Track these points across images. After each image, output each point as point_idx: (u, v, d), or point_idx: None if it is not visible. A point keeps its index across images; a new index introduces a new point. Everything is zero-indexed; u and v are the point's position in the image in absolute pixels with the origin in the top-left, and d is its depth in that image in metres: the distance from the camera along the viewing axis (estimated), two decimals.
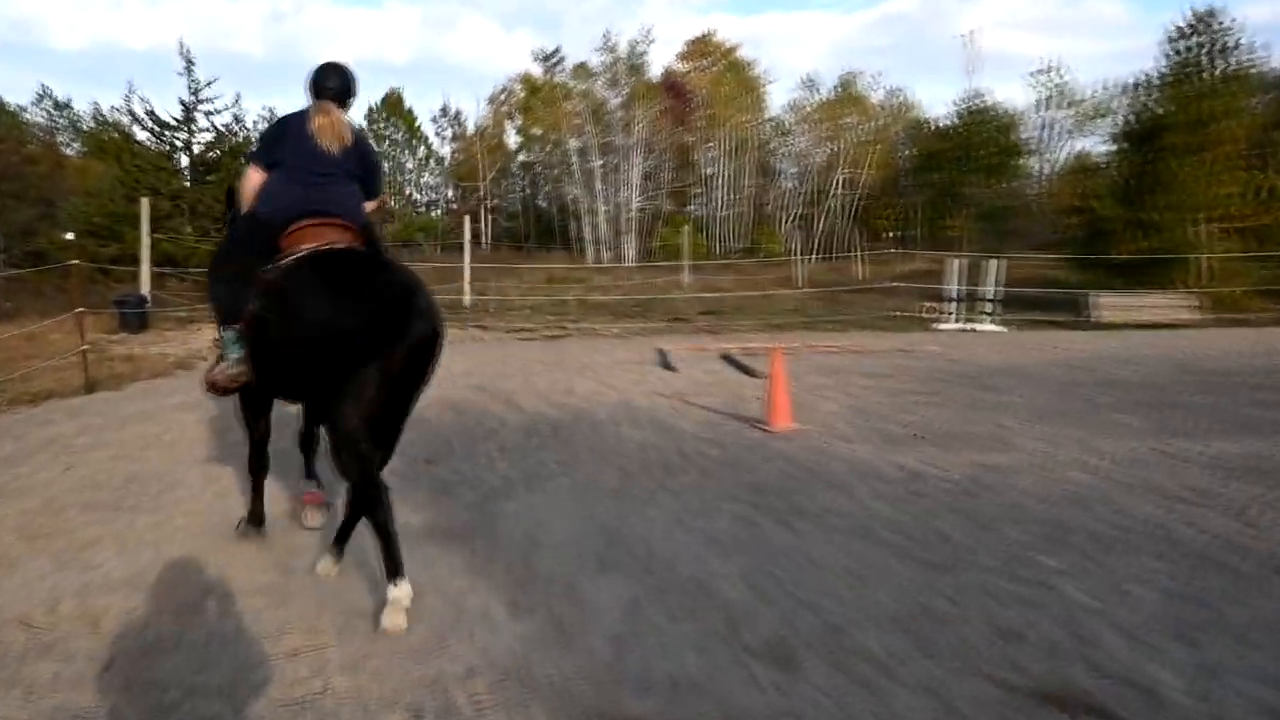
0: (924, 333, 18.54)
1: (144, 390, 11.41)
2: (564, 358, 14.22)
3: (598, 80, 52.33)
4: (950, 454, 7.58)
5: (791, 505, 6.19)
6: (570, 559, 5.14)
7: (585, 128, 48.65)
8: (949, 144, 51.23)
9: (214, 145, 27.87)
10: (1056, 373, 12.31)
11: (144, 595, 4.68)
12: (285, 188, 4.83)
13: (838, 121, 53.18)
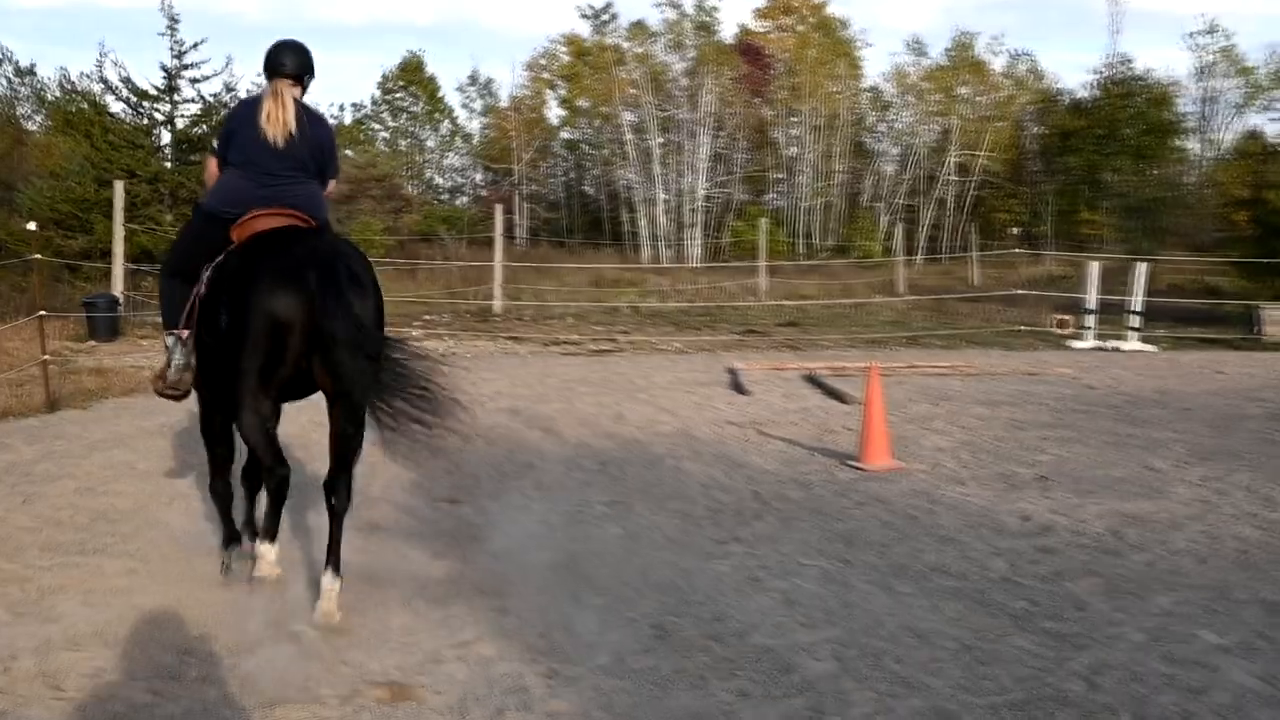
0: (1054, 351, 18.35)
1: (115, 410, 11.63)
2: (614, 377, 14.26)
3: (658, 42, 52.57)
4: (1087, 502, 7.49)
5: (890, 562, 6.15)
6: (620, 622, 5.15)
7: (642, 99, 48.88)
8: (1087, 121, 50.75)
9: (201, 119, 28.35)
10: (1218, 403, 12.12)
11: (113, 654, 4.76)
12: (237, 183, 5.50)
13: (950, 93, 52.90)
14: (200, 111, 28.49)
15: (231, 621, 5.11)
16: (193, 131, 28.15)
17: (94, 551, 6.26)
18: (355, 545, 6.37)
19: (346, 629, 5.05)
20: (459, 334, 19.80)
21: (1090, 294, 19.64)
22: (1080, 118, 51.27)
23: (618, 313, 24.18)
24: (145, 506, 7.29)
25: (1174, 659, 4.77)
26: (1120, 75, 51.96)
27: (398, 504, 7.47)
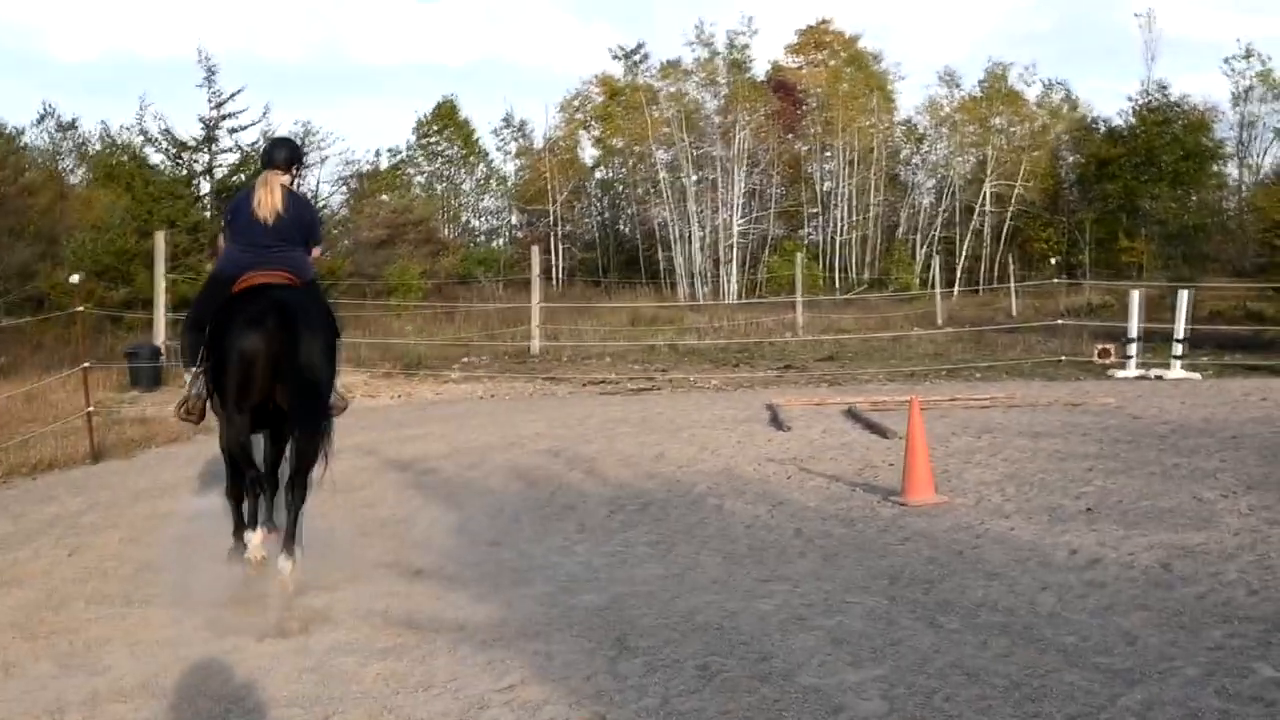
0: (1097, 381, 18.20)
1: (159, 459, 11.74)
2: (653, 416, 14.26)
3: (690, 80, 52.88)
4: (1135, 534, 7.40)
5: (937, 598, 6.10)
6: (665, 664, 5.13)
7: (676, 137, 49.12)
8: (1124, 149, 50.59)
9: (239, 168, 28.76)
10: (1265, 430, 11.95)
11: (160, 705, 4.79)
12: (237, 254, 6.80)
13: (984, 124, 52.86)
14: (238, 161, 28.87)
15: (278, 671, 5.13)
16: (231, 181, 28.54)
17: (140, 603, 6.31)
18: (397, 591, 6.42)
19: (393, 675, 5.05)
20: (497, 375, 19.87)
21: (1132, 323, 19.48)
22: (1117, 145, 51.14)
23: (655, 351, 24.22)
24: (190, 556, 7.33)
25: (1229, 694, 4.69)
26: (1156, 102, 51.82)
27: (440, 548, 7.49)
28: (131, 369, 17.65)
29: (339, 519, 8.44)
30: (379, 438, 12.68)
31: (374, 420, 14.58)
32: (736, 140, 48.20)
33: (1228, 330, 23.86)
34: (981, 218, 51.47)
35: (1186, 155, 49.72)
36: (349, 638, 5.62)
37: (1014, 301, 35.71)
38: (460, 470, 10.52)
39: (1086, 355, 20.63)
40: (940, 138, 55.07)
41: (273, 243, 6.78)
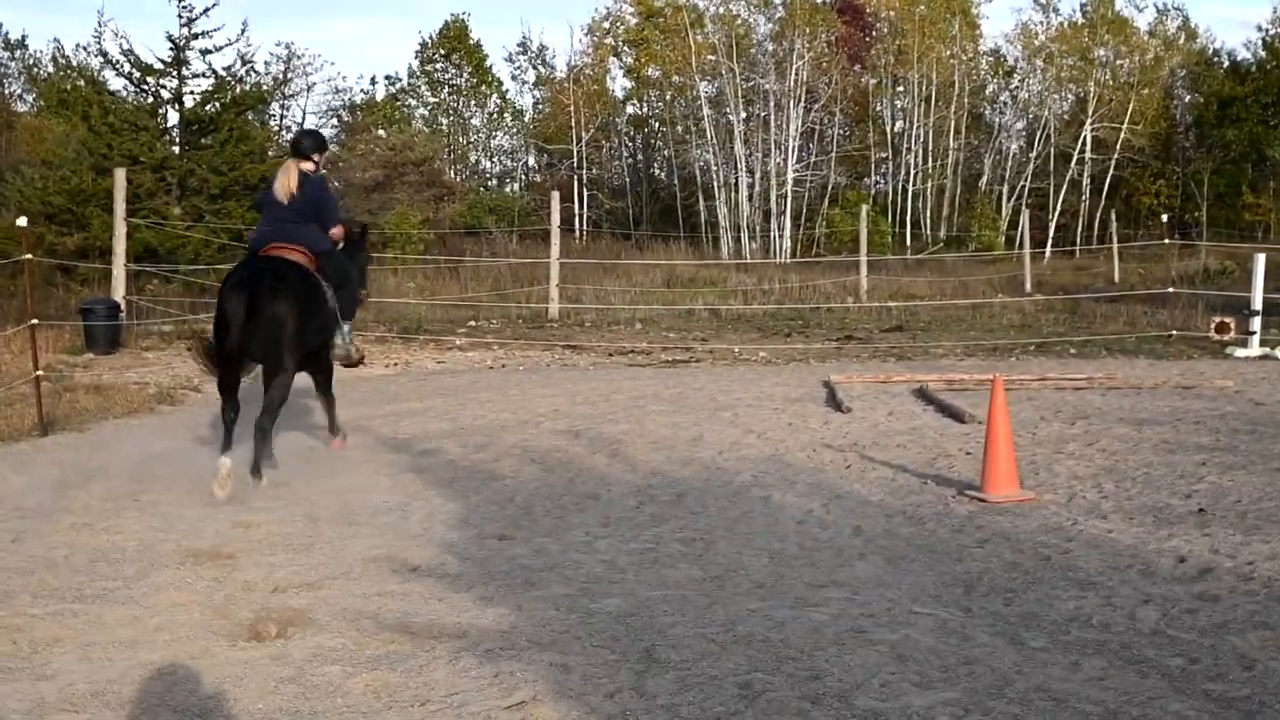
0: (1213, 361, 18.09)
1: (116, 432, 11.83)
2: (690, 392, 14.27)
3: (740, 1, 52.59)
4: (1254, 540, 7.36)
5: (1020, 611, 6.09)
6: (701, 681, 5.14)
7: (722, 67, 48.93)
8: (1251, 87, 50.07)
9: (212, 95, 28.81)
10: None
11: (116, 717, 4.83)
12: (262, 228, 9.97)
13: (1086, 56, 52.38)
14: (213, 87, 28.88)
15: (251, 680, 5.17)
16: (204, 110, 28.56)
17: (93, 598, 6.35)
18: (390, 590, 6.45)
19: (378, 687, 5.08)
20: (509, 342, 19.92)
21: (1256, 292, 19.33)
22: (1242, 83, 50.64)
23: (694, 316, 24.21)
24: (152, 545, 7.40)
25: None
26: None
27: (440, 541, 7.52)
28: (87, 328, 17.76)
29: (324, 507, 8.49)
30: (371, 413, 12.74)
31: (365, 393, 14.65)
32: (793, 71, 47.98)
33: None
34: (1080, 166, 51.13)
35: None
36: (334, 643, 5.65)
37: (1116, 265, 35.42)
38: (465, 452, 10.57)
39: (1202, 330, 20.49)
40: (1033, 71, 54.67)
41: (289, 218, 9.74)
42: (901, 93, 53.31)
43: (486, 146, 62.02)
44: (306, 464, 9.98)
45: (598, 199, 55.05)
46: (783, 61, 48.58)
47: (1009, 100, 55.93)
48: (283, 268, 9.29)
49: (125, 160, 24.04)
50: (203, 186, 26.38)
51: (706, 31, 50.67)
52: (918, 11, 51.29)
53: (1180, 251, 36.29)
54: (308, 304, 9.31)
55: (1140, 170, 52.58)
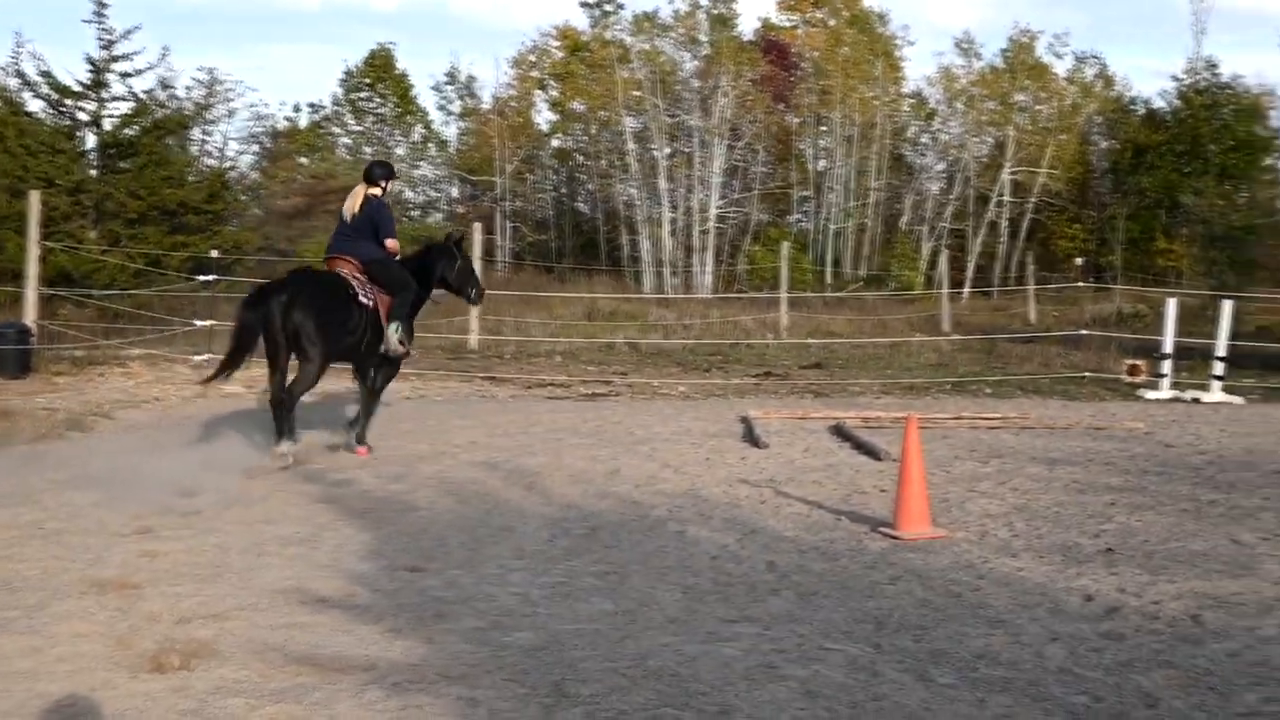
0: (1124, 403, 18.34)
1: (23, 460, 11.61)
2: (609, 426, 14.26)
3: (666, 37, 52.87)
4: (1160, 580, 7.46)
5: (929, 648, 6.12)
6: (609, 715, 5.12)
7: (647, 102, 49.14)
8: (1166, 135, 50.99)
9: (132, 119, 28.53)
10: None
11: None
12: (330, 241, 12.38)
13: (1005, 100, 53.14)
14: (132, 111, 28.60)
15: (153, 713, 5.09)
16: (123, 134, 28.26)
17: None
18: (298, 622, 6.37)
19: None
20: (427, 373, 19.82)
21: (1167, 336, 19.62)
22: (1157, 131, 51.54)
23: (614, 350, 24.22)
24: (55, 574, 7.26)
25: None
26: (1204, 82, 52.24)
27: (351, 573, 7.45)
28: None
29: (233, 536, 8.38)
30: None
31: None
32: (718, 108, 48.23)
33: (1277, 348, 24.07)
34: (998, 209, 51.73)
35: (1236, 145, 50.18)
36: (238, 675, 5.57)
37: (1032, 307, 35.91)
38: (379, 483, 10.48)
39: (1114, 372, 20.80)
40: (954, 114, 55.24)
41: (348, 234, 12.01)
42: (824, 132, 53.72)
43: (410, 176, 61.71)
44: (216, 493, 9.85)
45: (520, 231, 54.92)
46: (708, 98, 48.80)
47: (930, 142, 56.49)
48: (303, 278, 11.66)
49: (41, 183, 23.73)
50: (120, 211, 26.09)
51: (632, 67, 50.82)
52: (841, 53, 51.72)
53: (1095, 294, 36.89)
54: (327, 307, 11.20)
55: (1057, 214, 53.30)
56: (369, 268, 11.81)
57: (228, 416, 11.19)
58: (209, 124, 50.72)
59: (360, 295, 11.54)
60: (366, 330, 11.59)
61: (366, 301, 11.59)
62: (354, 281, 11.61)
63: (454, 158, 59.85)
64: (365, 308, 11.57)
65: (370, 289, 11.70)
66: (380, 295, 11.80)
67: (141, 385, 17.20)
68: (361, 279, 11.70)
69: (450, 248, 12.93)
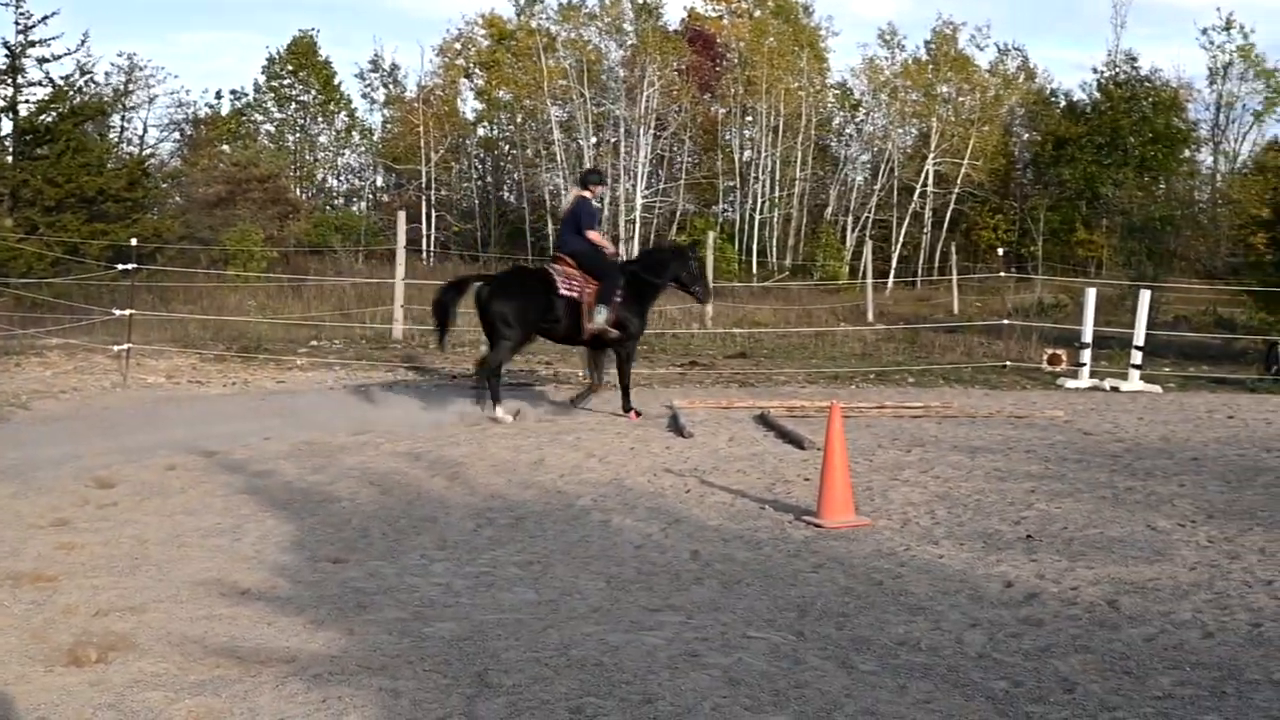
0: (1045, 391, 18.54)
1: None
2: (533, 415, 14.23)
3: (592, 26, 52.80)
4: (1079, 566, 7.55)
5: (850, 634, 6.16)
6: (533, 705, 5.11)
7: (573, 92, 49.04)
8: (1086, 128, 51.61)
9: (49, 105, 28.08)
10: (1230, 453, 12.29)
11: None
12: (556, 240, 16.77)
13: (929, 92, 53.54)
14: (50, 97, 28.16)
15: (68, 707, 5.02)
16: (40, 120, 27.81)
17: None
18: (218, 614, 6.32)
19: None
20: (352, 363, 19.68)
21: (1086, 326, 19.84)
22: (1077, 123, 52.15)
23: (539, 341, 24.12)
24: None
25: None
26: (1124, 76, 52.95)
27: (272, 564, 7.38)
28: None
29: (152, 528, 8.29)
30: (206, 433, 12.47)
31: (201, 412, 14.35)
32: (643, 98, 48.26)
33: (1193, 338, 24.45)
34: (922, 200, 52.17)
35: (1155, 138, 50.94)
36: (157, 668, 5.51)
37: (955, 297, 36.26)
38: (302, 473, 10.39)
39: (1035, 361, 21.00)
40: (878, 105, 55.62)
41: (563, 231, 14.63)
42: (750, 123, 53.87)
43: (334, 165, 61.26)
44: (134, 484, 9.73)
45: (446, 220, 54.64)
46: (633, 88, 48.81)
47: (854, 133, 56.88)
48: (515, 275, 15.04)
49: None
50: (37, 198, 25.67)
51: (558, 56, 50.74)
52: (767, 43, 51.87)
53: (1016, 285, 37.22)
54: (524, 297, 13.61)
55: (980, 205, 53.80)
56: (578, 258, 13.90)
57: (147, 407, 10.99)
58: (129, 110, 50.11)
59: (561, 288, 13.64)
60: (568, 316, 13.73)
61: (568, 293, 13.66)
62: (558, 276, 13.72)
63: (378, 146, 59.46)
64: (566, 298, 13.65)
65: (575, 281, 13.75)
66: (587, 283, 13.78)
67: (59, 375, 16.93)
68: (571, 272, 13.79)
69: (685, 251, 15.44)
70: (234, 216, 38.73)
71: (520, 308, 13.55)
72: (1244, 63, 53.56)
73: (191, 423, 13.11)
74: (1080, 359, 19.58)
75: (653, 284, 14.52)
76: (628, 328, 14.19)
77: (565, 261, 13.97)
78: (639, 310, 14.36)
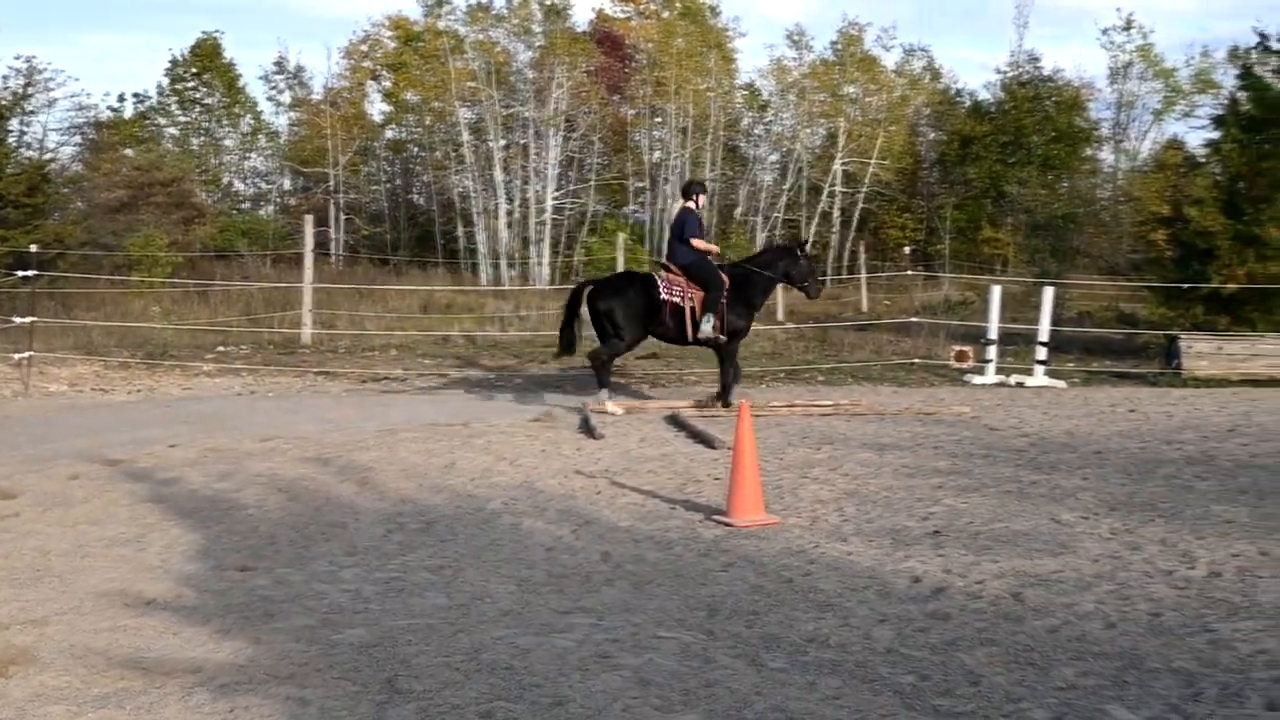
0: (952, 388, 18.73)
1: None
2: (444, 419, 14.15)
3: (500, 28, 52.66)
4: (985, 560, 7.65)
5: (760, 632, 6.19)
6: (442, 710, 5.09)
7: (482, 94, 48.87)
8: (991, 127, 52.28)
9: None
10: (1132, 446, 12.50)
11: None
12: None
13: (836, 92, 53.95)
14: None
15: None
16: None
17: None
18: (123, 625, 6.23)
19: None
20: (259, 368, 19.48)
21: (992, 322, 20.04)
22: (982, 123, 52.84)
23: (450, 343, 24.04)
24: None
25: None
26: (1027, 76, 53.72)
27: (178, 573, 7.29)
28: None
29: (55, 539, 8.15)
30: (110, 440, 12.29)
31: (105, 419, 14.13)
32: (553, 100, 48.20)
33: (1097, 333, 24.79)
34: (830, 199, 52.57)
35: (1058, 137, 51.74)
36: (59, 682, 5.42)
37: (864, 295, 36.53)
38: (208, 481, 10.27)
39: (942, 358, 21.20)
40: (786, 106, 56.02)
41: (671, 242, 15.26)
42: (659, 123, 54.01)
43: (240, 168, 60.59)
44: (36, 494, 9.57)
45: (354, 223, 54.21)
46: (543, 90, 48.75)
47: (763, 134, 57.19)
48: (617, 280, 15.95)
49: None
50: None
51: (466, 58, 50.52)
52: (675, 44, 52.03)
53: (924, 282, 37.61)
54: (626, 298, 14.64)
55: (888, 204, 54.34)
56: (686, 269, 14.80)
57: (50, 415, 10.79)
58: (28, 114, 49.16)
59: (664, 293, 14.57)
60: (675, 320, 14.59)
61: (670, 298, 14.56)
62: (662, 282, 14.68)
63: (285, 149, 58.89)
64: (669, 303, 14.54)
65: (679, 287, 14.67)
66: (692, 290, 14.67)
67: None
68: (676, 279, 14.75)
69: (794, 249, 16.04)
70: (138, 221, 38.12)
71: (624, 308, 14.51)
72: (1144, 63, 54.63)
73: (95, 431, 12.90)
74: (986, 355, 19.79)
75: (760, 283, 15.40)
76: (733, 327, 14.91)
77: (674, 271, 14.85)
78: (745, 310, 15.13)
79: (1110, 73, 55.53)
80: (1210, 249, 23.08)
